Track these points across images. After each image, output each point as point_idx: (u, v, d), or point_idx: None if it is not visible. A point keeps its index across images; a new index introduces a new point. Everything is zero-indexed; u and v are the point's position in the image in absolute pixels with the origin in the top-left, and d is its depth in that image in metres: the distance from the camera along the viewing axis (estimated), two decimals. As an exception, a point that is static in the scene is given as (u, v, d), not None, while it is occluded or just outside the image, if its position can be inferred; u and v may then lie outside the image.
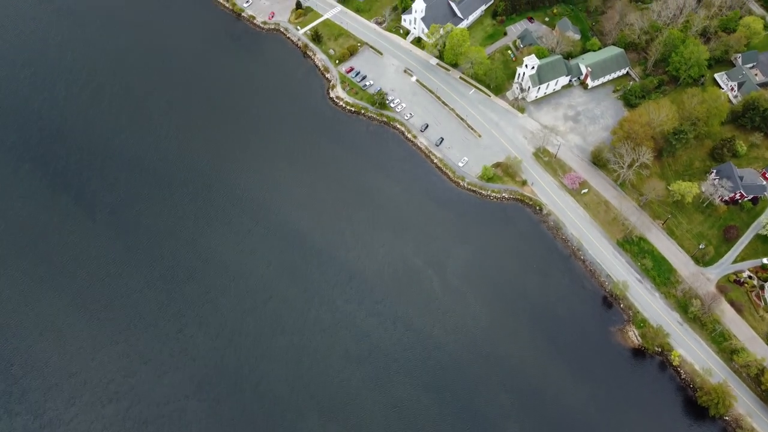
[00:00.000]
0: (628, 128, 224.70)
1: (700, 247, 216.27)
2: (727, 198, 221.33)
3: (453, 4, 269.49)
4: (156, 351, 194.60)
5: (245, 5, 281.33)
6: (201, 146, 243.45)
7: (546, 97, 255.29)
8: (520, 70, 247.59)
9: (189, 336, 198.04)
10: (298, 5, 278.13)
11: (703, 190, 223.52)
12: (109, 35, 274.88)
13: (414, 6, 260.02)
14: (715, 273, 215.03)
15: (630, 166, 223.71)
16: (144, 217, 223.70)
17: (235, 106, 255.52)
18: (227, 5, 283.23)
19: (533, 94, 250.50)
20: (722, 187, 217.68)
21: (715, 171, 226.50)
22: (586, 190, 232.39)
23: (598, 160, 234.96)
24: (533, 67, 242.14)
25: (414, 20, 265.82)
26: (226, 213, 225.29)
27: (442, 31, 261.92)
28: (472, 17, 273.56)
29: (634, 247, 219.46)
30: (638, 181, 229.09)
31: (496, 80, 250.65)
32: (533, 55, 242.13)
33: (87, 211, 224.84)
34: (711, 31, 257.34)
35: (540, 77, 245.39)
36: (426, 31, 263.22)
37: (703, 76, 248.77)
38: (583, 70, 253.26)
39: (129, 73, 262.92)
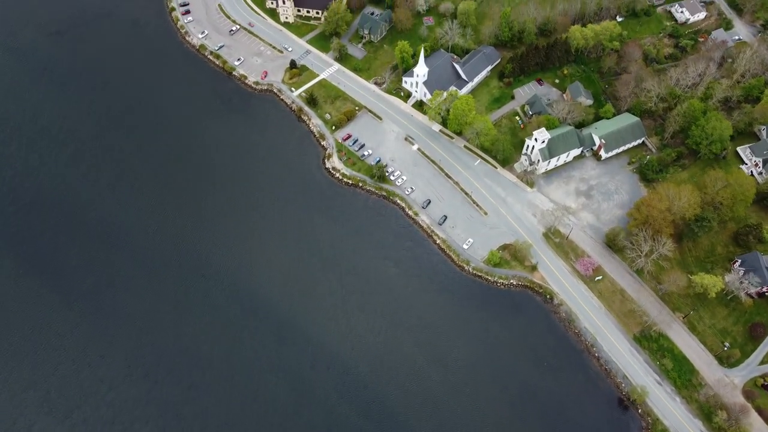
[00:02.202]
0: (646, 213, 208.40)
1: (725, 347, 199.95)
2: (752, 292, 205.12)
3: (457, 66, 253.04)
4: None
5: (236, 63, 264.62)
6: (185, 220, 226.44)
7: (556, 169, 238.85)
8: (529, 142, 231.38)
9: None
10: (293, 64, 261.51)
11: (727, 280, 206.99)
12: (89, 93, 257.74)
13: (416, 70, 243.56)
14: (740, 376, 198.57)
15: (648, 255, 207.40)
16: (123, 302, 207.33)
17: (224, 175, 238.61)
18: (217, 62, 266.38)
19: (543, 167, 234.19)
20: (748, 281, 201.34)
21: (740, 261, 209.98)
22: (600, 277, 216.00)
23: (613, 244, 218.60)
24: (543, 141, 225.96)
25: (416, 83, 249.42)
26: (211, 296, 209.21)
27: (445, 95, 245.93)
28: (477, 79, 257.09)
29: (652, 344, 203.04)
30: (657, 269, 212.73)
31: (503, 153, 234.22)
32: (543, 129, 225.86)
33: (62, 296, 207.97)
34: (734, 101, 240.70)
35: (550, 151, 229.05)
36: (429, 96, 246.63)
37: (725, 149, 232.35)
38: (597, 141, 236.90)
39: (110, 136, 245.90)
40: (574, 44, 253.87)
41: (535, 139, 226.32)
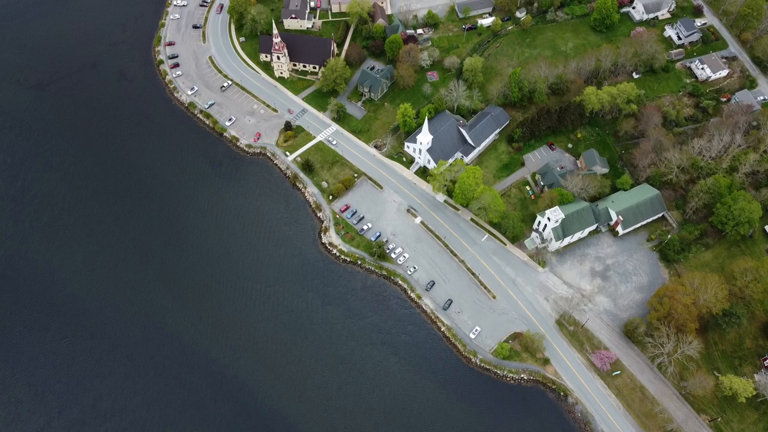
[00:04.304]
0: (669, 306, 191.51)
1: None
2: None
3: (463, 131, 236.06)
4: None
5: (227, 124, 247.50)
6: (168, 302, 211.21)
7: (570, 246, 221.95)
8: (541, 220, 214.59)
9: None
10: (287, 126, 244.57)
11: (757, 379, 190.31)
12: (68, 155, 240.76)
13: (419, 137, 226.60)
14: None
15: (671, 354, 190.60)
16: (102, 397, 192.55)
17: (211, 251, 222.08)
18: (207, 122, 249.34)
19: (556, 244, 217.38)
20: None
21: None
22: (618, 372, 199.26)
23: (632, 336, 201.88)
24: (557, 221, 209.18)
25: (419, 150, 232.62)
26: (198, 392, 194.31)
27: (450, 161, 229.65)
28: (485, 143, 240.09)
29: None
30: (680, 368, 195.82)
31: (513, 230, 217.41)
32: (557, 208, 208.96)
33: (33, 389, 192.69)
34: (762, 175, 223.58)
35: (564, 230, 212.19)
36: (433, 165, 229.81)
37: (753, 229, 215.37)
38: (614, 217, 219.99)
39: (89, 204, 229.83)
40: (589, 107, 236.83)
41: (548, 218, 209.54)
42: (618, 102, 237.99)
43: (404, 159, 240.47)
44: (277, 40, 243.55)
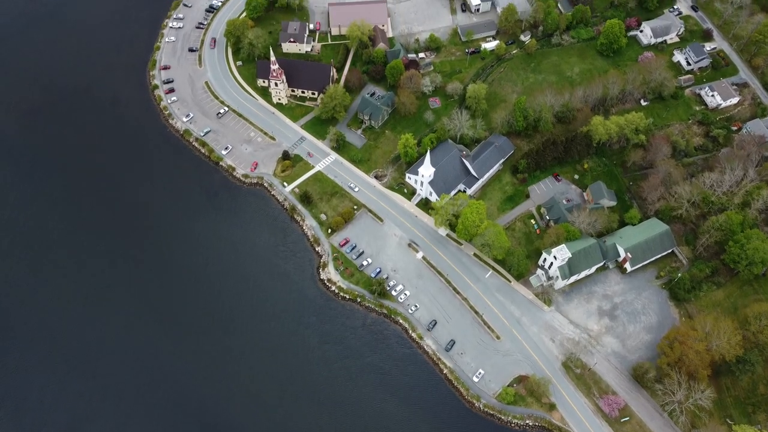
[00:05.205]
0: (680, 351, 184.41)
1: None
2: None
3: (466, 162, 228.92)
4: None
5: (223, 153, 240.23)
6: (160, 341, 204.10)
7: (577, 283, 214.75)
8: (547, 257, 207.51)
9: None
10: (285, 155, 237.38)
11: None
12: (58, 185, 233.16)
13: (421, 170, 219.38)
14: None
15: (682, 402, 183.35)
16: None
17: (205, 286, 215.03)
18: (203, 150, 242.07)
19: (562, 283, 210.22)
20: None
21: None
22: (627, 418, 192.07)
23: (641, 381, 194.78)
24: (564, 260, 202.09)
25: (421, 182, 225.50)
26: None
27: (453, 193, 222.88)
28: (488, 174, 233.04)
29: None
30: (692, 416, 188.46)
31: (518, 268, 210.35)
32: (563, 246, 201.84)
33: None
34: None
35: (571, 269, 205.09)
36: (435, 197, 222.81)
37: (766, 268, 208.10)
38: (622, 254, 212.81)
39: (79, 236, 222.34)
40: (596, 138, 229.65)
41: (554, 257, 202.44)
42: (626, 132, 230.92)
43: (405, 190, 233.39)
44: (274, 67, 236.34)
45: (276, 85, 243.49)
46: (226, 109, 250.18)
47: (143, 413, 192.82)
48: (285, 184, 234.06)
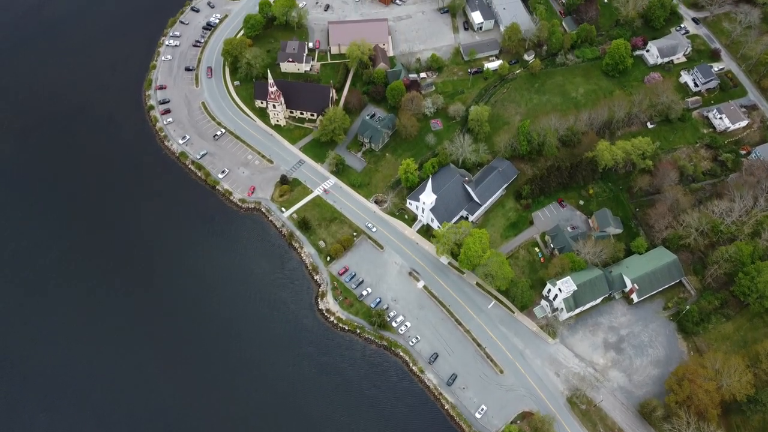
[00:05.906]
0: (689, 389, 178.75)
1: None
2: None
3: (469, 188, 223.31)
4: None
5: (220, 176, 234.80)
6: (153, 368, 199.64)
7: (582, 314, 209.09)
8: (552, 288, 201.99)
9: None
10: (283, 180, 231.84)
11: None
12: (50, 208, 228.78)
13: (422, 197, 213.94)
14: None
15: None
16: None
17: (199, 317, 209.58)
18: (199, 174, 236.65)
19: (566, 315, 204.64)
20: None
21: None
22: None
23: (648, 418, 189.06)
24: (569, 292, 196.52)
25: (422, 209, 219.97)
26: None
27: (454, 220, 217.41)
28: (491, 200, 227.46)
29: None
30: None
31: (521, 299, 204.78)
32: (569, 279, 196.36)
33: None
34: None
35: (576, 301, 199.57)
36: (437, 225, 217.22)
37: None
38: (628, 284, 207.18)
39: (73, 261, 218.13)
40: (602, 164, 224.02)
41: (559, 289, 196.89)
42: (632, 157, 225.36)
43: (406, 216, 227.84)
44: (273, 89, 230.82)
45: (274, 106, 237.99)
46: (223, 130, 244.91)
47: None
48: (283, 209, 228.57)
